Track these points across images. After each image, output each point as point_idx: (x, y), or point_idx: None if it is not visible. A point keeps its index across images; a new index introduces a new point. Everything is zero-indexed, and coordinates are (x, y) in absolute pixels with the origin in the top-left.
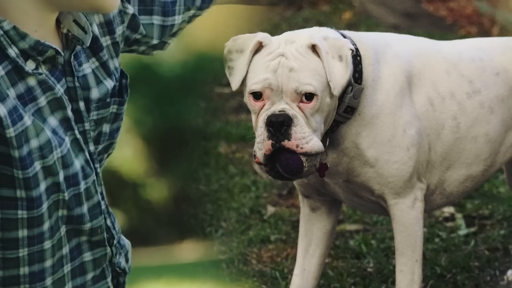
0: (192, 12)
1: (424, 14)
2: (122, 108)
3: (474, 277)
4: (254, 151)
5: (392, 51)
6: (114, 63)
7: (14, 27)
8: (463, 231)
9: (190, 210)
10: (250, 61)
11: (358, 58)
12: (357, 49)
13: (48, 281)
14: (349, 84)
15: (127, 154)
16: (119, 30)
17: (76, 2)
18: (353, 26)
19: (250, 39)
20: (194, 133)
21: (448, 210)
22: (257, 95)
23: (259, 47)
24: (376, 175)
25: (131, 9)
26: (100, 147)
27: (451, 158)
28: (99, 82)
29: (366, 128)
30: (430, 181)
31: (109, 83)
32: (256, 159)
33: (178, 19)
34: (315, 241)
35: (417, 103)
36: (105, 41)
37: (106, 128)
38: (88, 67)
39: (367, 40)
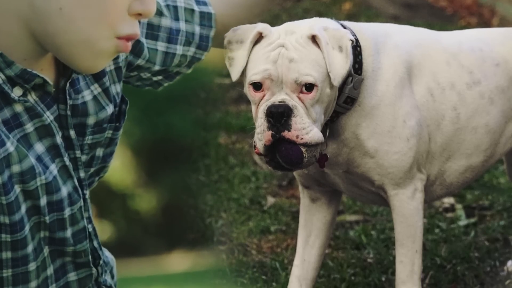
0: (192, 50)
1: (424, 5)
2: (117, 133)
3: (474, 267)
4: (254, 142)
5: (392, 42)
6: (116, 88)
7: (1, 54)
8: (463, 222)
9: (180, 219)
10: (250, 51)
11: (358, 48)
12: (357, 40)
13: None
14: (349, 74)
15: (116, 165)
16: (123, 55)
17: (53, 51)
18: (353, 16)
19: (250, 30)
20: (183, 144)
21: (448, 200)
22: (257, 86)
23: (259, 37)
24: (376, 165)
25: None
26: (92, 169)
27: (451, 148)
28: (101, 108)
29: (366, 119)
30: (430, 172)
31: (110, 109)
32: (256, 150)
33: (179, 49)
34: (315, 232)
35: (417, 94)
36: (108, 66)
37: (99, 152)
38: (88, 94)
39: (367, 30)
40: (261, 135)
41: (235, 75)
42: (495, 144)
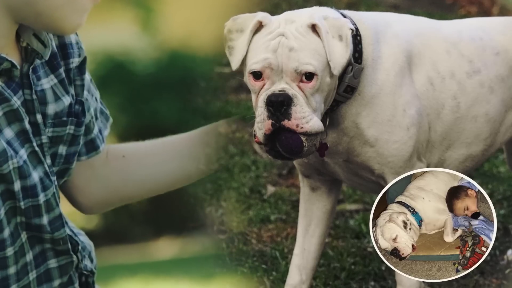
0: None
1: None
2: (79, 130)
3: None
4: (254, 131)
5: (392, 31)
6: (76, 89)
7: None
8: None
9: (167, 206)
10: (250, 40)
11: (358, 37)
12: (357, 29)
13: None
14: (349, 63)
15: None
16: (75, 62)
17: (34, 20)
18: (353, 5)
19: (250, 19)
20: (168, 131)
21: None
22: (257, 75)
23: (259, 26)
24: (376, 154)
25: (84, 52)
26: (54, 169)
27: (451, 137)
28: (57, 98)
29: (366, 108)
30: (430, 161)
31: (67, 100)
32: (256, 139)
33: (88, 117)
34: (315, 221)
35: (417, 83)
36: (71, 63)
37: (62, 150)
38: (46, 82)
39: (367, 19)
40: (261, 124)
41: (235, 64)
42: (495, 133)
